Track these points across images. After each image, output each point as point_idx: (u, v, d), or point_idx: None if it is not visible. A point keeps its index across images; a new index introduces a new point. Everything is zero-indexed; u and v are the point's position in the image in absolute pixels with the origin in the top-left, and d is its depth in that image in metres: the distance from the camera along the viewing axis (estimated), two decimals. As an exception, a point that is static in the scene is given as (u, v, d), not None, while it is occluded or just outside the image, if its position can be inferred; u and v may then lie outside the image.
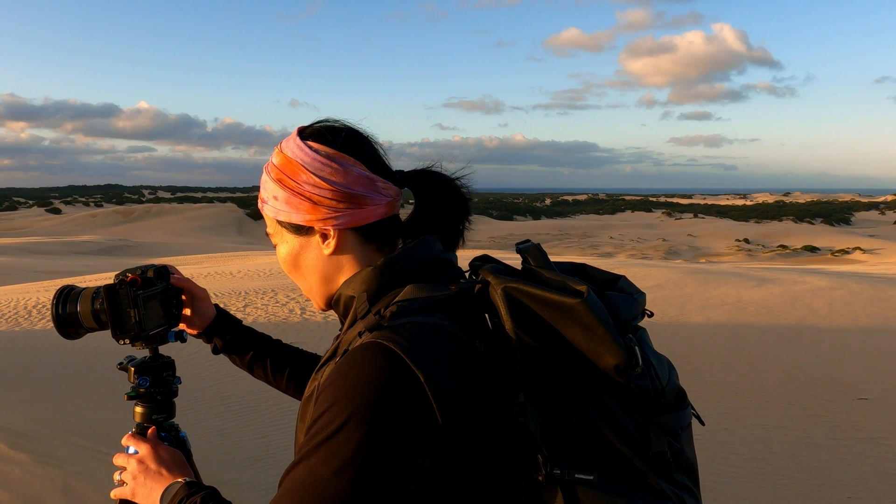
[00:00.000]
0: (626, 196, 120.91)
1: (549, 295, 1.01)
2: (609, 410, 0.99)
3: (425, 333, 0.99)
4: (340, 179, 1.12)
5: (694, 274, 13.14)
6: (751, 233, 51.42)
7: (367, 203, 1.13)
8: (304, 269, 1.19)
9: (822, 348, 8.15)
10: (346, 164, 1.13)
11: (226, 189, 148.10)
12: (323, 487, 0.92)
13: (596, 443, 0.98)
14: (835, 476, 4.94)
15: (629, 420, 1.00)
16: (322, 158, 1.13)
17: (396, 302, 1.04)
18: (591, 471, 0.96)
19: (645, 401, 1.02)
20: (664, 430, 1.02)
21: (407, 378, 0.94)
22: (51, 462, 4.01)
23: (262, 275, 13.57)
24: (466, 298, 1.07)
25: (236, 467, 4.87)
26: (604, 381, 1.00)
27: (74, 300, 1.39)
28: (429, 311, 1.03)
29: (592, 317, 0.99)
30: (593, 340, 0.99)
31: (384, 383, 0.94)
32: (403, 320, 1.00)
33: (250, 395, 6.52)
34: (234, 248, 35.39)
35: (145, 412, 1.43)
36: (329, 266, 1.17)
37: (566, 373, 0.99)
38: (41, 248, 30.81)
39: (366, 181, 1.13)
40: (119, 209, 67.63)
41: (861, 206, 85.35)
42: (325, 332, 8.58)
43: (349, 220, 1.13)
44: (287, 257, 1.20)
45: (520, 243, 1.15)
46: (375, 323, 1.00)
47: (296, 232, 1.17)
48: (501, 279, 1.04)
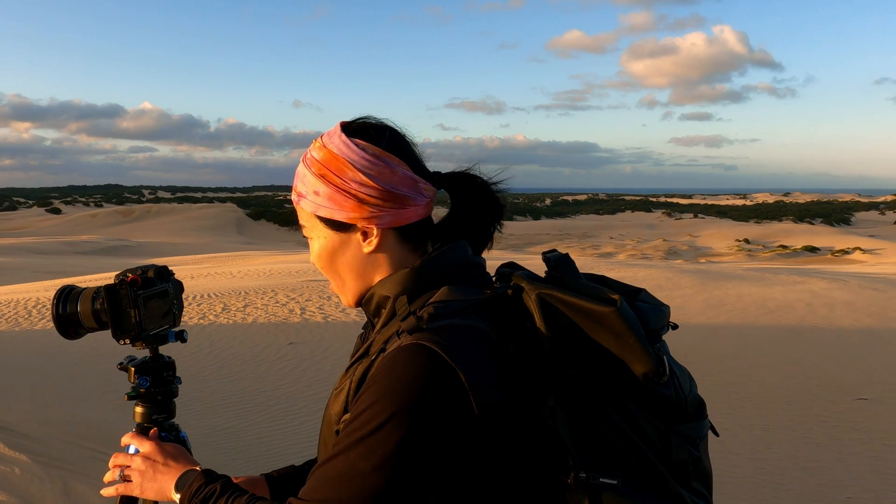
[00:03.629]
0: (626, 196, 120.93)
1: (582, 302, 1.03)
2: (634, 417, 1.02)
3: (465, 335, 1.01)
4: (387, 179, 1.12)
5: (694, 274, 13.14)
6: (751, 233, 51.38)
7: (409, 203, 1.13)
8: (339, 266, 1.18)
9: (822, 348, 8.16)
10: (392, 164, 1.12)
11: (226, 189, 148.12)
12: (360, 481, 0.95)
13: (621, 448, 1.00)
14: (835, 476, 4.94)
15: (652, 428, 1.03)
16: (369, 157, 1.12)
17: (433, 303, 1.06)
18: (615, 475, 0.98)
19: (668, 409, 1.05)
20: (685, 439, 1.05)
21: (449, 379, 0.97)
22: (51, 462, 4.01)
23: (262, 275, 13.56)
24: (500, 302, 1.09)
25: (236, 467, 4.87)
26: (630, 387, 1.02)
27: (75, 300, 1.39)
28: (466, 314, 1.04)
29: (624, 325, 1.01)
30: (624, 348, 1.01)
31: (427, 384, 0.97)
32: (442, 322, 1.02)
33: (250, 395, 6.52)
34: (235, 248, 35.38)
35: (146, 412, 1.43)
36: (366, 264, 1.16)
37: (595, 378, 1.02)
38: (41, 247, 30.81)
39: (410, 181, 1.13)
40: (119, 209, 67.61)
41: (861, 206, 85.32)
42: (324, 332, 8.58)
43: (392, 220, 1.13)
44: (322, 253, 1.19)
45: (547, 252, 1.18)
46: (415, 325, 1.02)
47: (335, 228, 1.16)
48: (535, 285, 1.07)
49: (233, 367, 7.35)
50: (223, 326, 8.91)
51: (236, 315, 9.43)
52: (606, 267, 14.17)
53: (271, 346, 8.06)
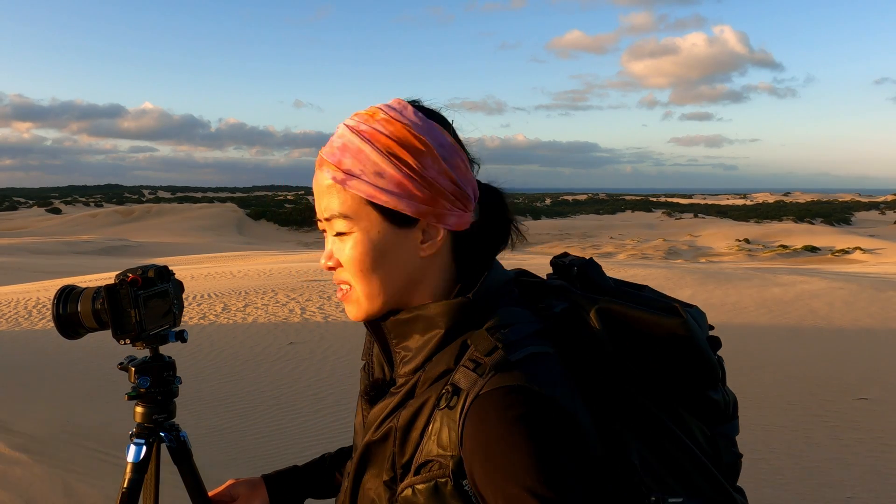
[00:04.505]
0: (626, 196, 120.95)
1: (649, 316, 0.95)
2: (689, 427, 0.96)
3: (551, 366, 0.90)
4: (462, 174, 0.96)
5: (694, 274, 13.15)
6: (751, 233, 51.39)
7: (469, 207, 0.98)
8: (385, 268, 0.97)
9: (823, 348, 8.16)
10: (464, 158, 0.98)
11: (226, 189, 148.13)
12: None
13: (682, 462, 0.94)
14: (835, 476, 4.94)
15: (701, 434, 0.98)
16: (448, 143, 0.96)
17: (499, 330, 0.91)
18: (679, 493, 0.93)
19: (714, 412, 0.99)
20: (727, 440, 1.01)
21: (563, 421, 0.85)
22: (51, 462, 4.02)
23: (262, 275, 13.57)
24: (555, 321, 0.97)
25: (236, 467, 4.87)
26: (683, 396, 0.97)
27: (75, 300, 1.39)
28: (538, 340, 0.92)
29: (692, 336, 0.95)
30: (690, 359, 0.95)
31: (549, 439, 0.84)
32: (523, 353, 0.88)
33: (250, 395, 6.52)
34: (235, 248, 35.39)
35: (146, 412, 1.43)
36: (418, 269, 0.98)
37: (657, 393, 0.95)
38: (41, 247, 30.83)
39: (471, 182, 0.99)
40: (119, 209, 67.66)
41: (861, 206, 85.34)
42: (325, 332, 8.59)
43: (457, 222, 0.97)
44: (370, 250, 0.96)
45: (559, 257, 1.09)
46: (503, 359, 0.87)
47: (396, 222, 0.95)
48: (592, 300, 0.96)
49: (233, 367, 7.35)
50: (223, 326, 8.91)
51: (236, 315, 9.43)
52: (607, 267, 14.10)
53: (271, 346, 8.06)
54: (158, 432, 1.44)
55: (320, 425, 5.82)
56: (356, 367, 5.92)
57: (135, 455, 1.42)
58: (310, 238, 49.45)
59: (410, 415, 0.92)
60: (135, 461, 1.42)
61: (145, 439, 1.43)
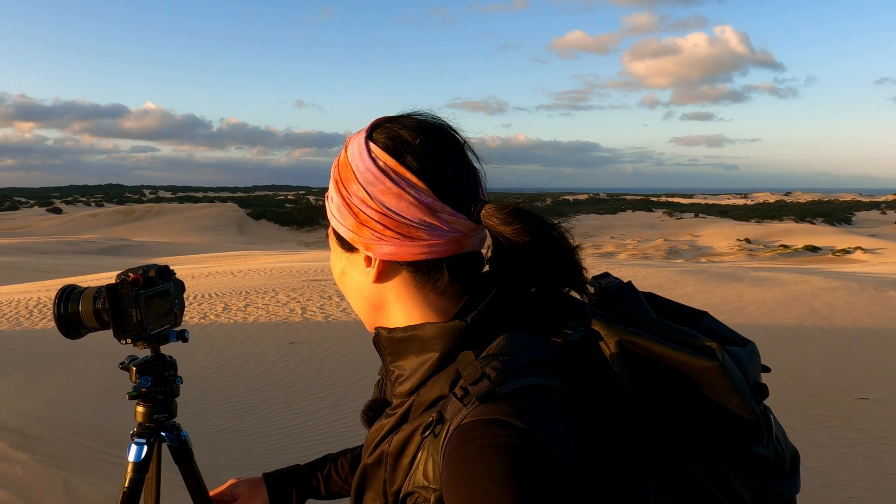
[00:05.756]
0: (627, 196, 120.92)
1: (676, 354, 0.84)
2: (728, 481, 0.85)
3: (547, 401, 0.82)
4: (390, 202, 0.90)
5: (695, 274, 13.15)
6: (752, 232, 51.37)
7: (419, 236, 0.90)
8: (349, 288, 1.00)
9: (823, 348, 8.15)
10: (402, 185, 0.90)
11: (226, 189, 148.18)
12: None
13: None
14: (835, 476, 4.93)
15: (746, 490, 0.86)
16: (375, 171, 0.91)
17: (496, 358, 0.84)
18: None
19: (763, 468, 0.88)
20: (781, 500, 0.90)
21: (544, 460, 0.77)
22: (51, 461, 4.02)
23: (262, 274, 13.57)
24: (569, 350, 0.88)
25: (236, 467, 4.87)
26: (723, 447, 0.85)
27: (76, 300, 1.40)
28: (539, 371, 0.84)
29: (728, 383, 0.84)
30: (727, 409, 0.84)
31: (523, 475, 0.75)
32: (516, 385, 0.81)
33: (250, 395, 6.52)
34: (235, 247, 35.40)
35: (147, 412, 1.44)
36: (374, 294, 0.96)
37: (688, 442, 0.85)
38: (42, 247, 30.84)
39: (424, 210, 0.89)
40: (120, 209, 67.70)
41: (862, 205, 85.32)
42: (325, 332, 8.59)
43: (394, 252, 0.91)
44: (335, 269, 1.03)
45: (598, 277, 0.99)
46: (488, 391, 0.80)
47: (342, 245, 0.98)
48: (614, 330, 0.87)
49: (233, 367, 7.36)
50: (224, 326, 8.91)
51: (237, 315, 9.44)
52: (607, 267, 14.16)
53: (272, 346, 8.07)
54: (159, 432, 1.45)
55: (321, 425, 5.83)
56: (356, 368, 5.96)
57: (136, 454, 1.43)
58: (310, 238, 49.42)
59: (402, 441, 0.89)
60: (136, 461, 1.42)
61: (146, 439, 1.44)
